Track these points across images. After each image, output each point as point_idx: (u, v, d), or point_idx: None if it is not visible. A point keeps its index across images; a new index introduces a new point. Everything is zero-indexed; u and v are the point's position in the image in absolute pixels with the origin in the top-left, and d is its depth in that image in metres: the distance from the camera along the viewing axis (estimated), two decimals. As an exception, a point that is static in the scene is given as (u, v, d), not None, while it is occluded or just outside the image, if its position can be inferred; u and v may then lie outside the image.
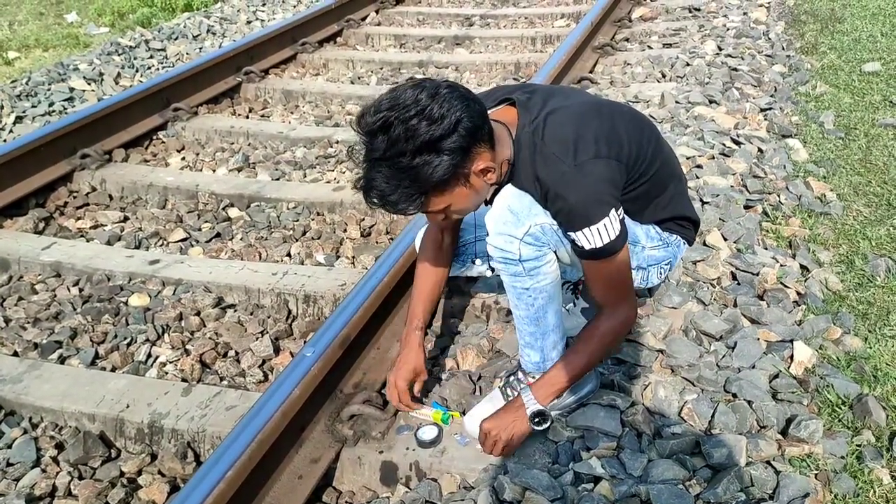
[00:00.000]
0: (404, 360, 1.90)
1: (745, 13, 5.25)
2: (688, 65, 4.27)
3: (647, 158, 1.74)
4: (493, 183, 1.64)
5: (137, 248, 2.94)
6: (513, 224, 1.64)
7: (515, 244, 1.65)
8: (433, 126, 1.46)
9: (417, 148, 1.46)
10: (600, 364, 1.85)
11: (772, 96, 3.91)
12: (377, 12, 6.03)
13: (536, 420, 1.73)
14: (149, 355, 2.35)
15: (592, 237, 1.58)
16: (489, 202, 1.72)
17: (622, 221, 1.61)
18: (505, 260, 1.69)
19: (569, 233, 1.62)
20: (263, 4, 6.54)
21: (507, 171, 1.67)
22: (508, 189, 1.68)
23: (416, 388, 1.92)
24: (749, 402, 1.87)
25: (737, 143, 3.32)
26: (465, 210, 1.67)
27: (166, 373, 2.27)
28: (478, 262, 2.09)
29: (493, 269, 2.06)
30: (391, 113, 1.47)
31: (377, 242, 2.92)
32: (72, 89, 4.54)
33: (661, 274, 1.95)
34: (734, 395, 1.91)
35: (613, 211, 1.58)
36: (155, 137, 3.92)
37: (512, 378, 1.89)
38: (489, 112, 1.68)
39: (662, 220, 1.89)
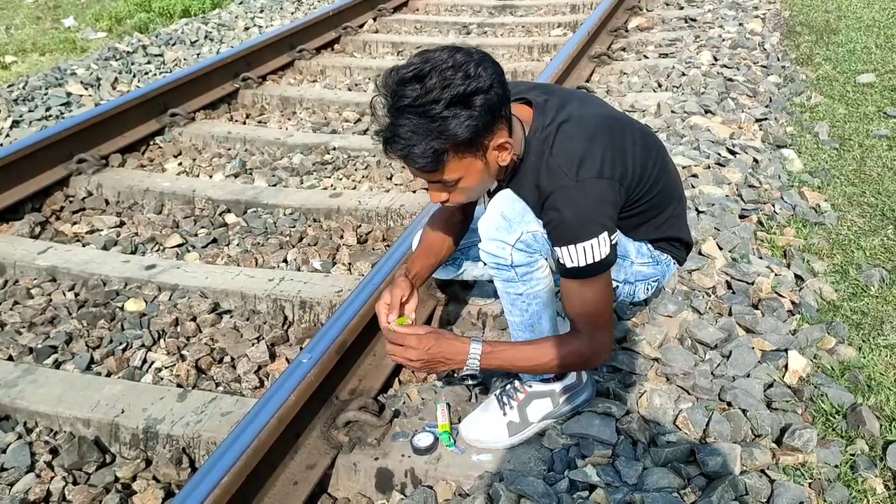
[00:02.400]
0: (387, 291, 1.86)
1: (740, 24, 5.29)
2: (684, 75, 4.29)
3: (650, 181, 1.74)
4: (504, 167, 1.62)
5: (133, 253, 2.94)
6: (505, 230, 1.65)
7: (507, 250, 1.66)
8: (469, 80, 1.46)
9: (451, 98, 1.45)
10: (546, 373, 1.77)
11: (767, 106, 3.94)
12: (375, 20, 6.06)
13: (468, 377, 1.72)
14: (144, 360, 2.34)
15: (577, 255, 1.58)
16: (490, 194, 1.73)
17: (613, 246, 1.60)
18: (497, 265, 1.70)
19: (554, 247, 1.61)
20: (261, 11, 6.55)
21: (511, 169, 1.68)
22: (504, 194, 1.68)
23: (393, 302, 1.82)
24: (744, 411, 1.88)
25: (732, 152, 3.34)
26: (474, 190, 1.65)
27: (161, 378, 2.27)
28: (470, 264, 2.10)
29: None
30: (426, 65, 1.47)
31: (374, 249, 2.93)
32: (69, 94, 4.54)
33: (647, 290, 1.95)
34: (729, 404, 1.92)
35: (605, 234, 1.58)
36: (152, 143, 3.92)
37: (508, 386, 1.89)
38: None
39: (656, 240, 1.89)
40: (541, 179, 1.62)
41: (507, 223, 1.65)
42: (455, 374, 1.75)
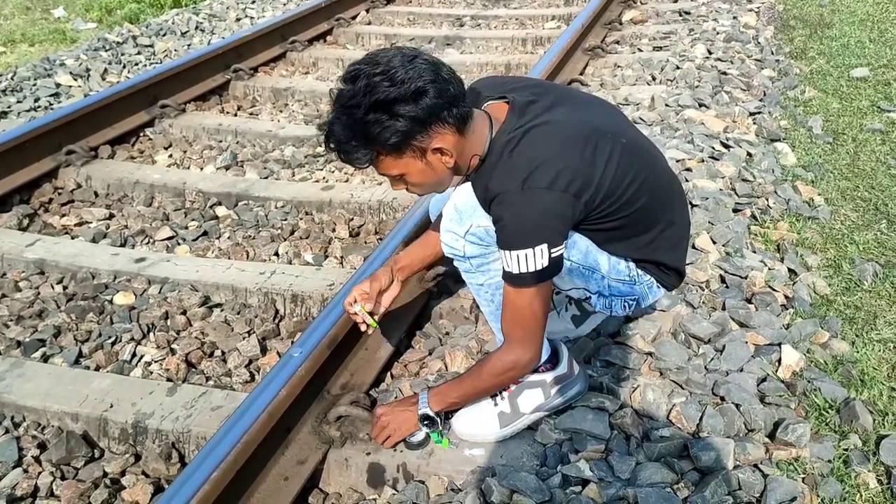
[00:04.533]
0: (372, 274, 1.98)
1: (734, 17, 5.28)
2: (678, 68, 4.28)
3: (624, 199, 1.66)
4: (452, 168, 1.63)
5: (123, 245, 2.91)
6: (456, 222, 1.66)
7: (460, 242, 1.68)
8: (392, 88, 1.48)
9: (371, 104, 1.49)
10: (489, 393, 1.81)
11: (761, 100, 3.93)
12: (367, 11, 6.02)
13: (425, 422, 1.78)
14: (133, 354, 2.32)
15: (511, 261, 1.57)
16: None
17: (554, 259, 1.56)
18: (454, 256, 1.73)
19: (499, 248, 1.61)
20: (253, 2, 6.50)
21: (475, 167, 1.66)
22: (463, 187, 1.68)
23: (371, 293, 1.94)
24: (737, 406, 1.87)
25: (726, 146, 3.33)
26: (425, 185, 1.67)
27: (151, 372, 2.25)
28: None
29: None
30: (364, 67, 1.52)
31: (366, 242, 2.91)
32: (58, 85, 4.50)
33: (626, 307, 1.90)
34: (722, 399, 1.91)
35: (545, 246, 1.54)
36: (142, 134, 3.88)
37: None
38: (487, 102, 1.69)
39: (640, 260, 1.82)
40: (492, 180, 1.59)
41: (458, 215, 1.66)
42: (422, 428, 1.81)
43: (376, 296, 1.95)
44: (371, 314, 1.92)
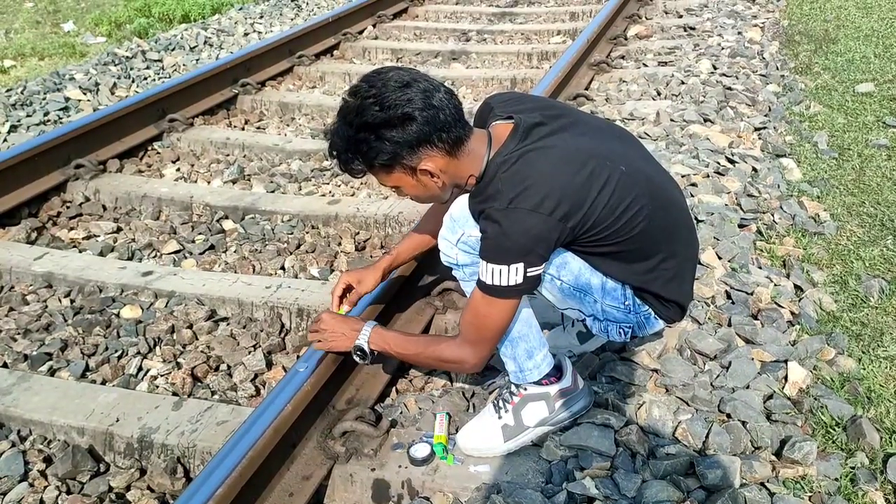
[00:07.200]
0: (362, 269, 2.06)
1: (739, 33, 5.30)
2: (683, 83, 4.29)
3: (618, 224, 1.65)
4: (442, 187, 1.67)
5: (130, 259, 2.93)
6: (450, 230, 1.72)
7: (454, 250, 1.73)
8: (380, 112, 1.54)
9: (360, 125, 1.56)
10: (420, 366, 2.02)
11: (766, 115, 3.94)
12: (374, 26, 6.06)
13: (358, 353, 1.85)
14: (140, 368, 2.33)
15: (486, 272, 1.60)
16: None
17: (529, 279, 1.58)
18: (449, 263, 1.77)
19: (479, 258, 1.63)
20: (261, 17, 6.56)
21: (472, 185, 1.68)
22: (462, 197, 1.72)
23: (352, 296, 2.04)
24: (743, 423, 1.87)
25: (731, 161, 3.33)
26: (421, 198, 1.74)
27: (157, 386, 2.25)
28: None
29: None
30: (363, 85, 1.58)
31: (371, 256, 2.92)
32: (67, 99, 4.54)
33: (622, 334, 1.88)
34: (728, 416, 1.90)
35: (521, 265, 1.56)
36: (150, 148, 3.91)
37: (505, 391, 1.88)
38: (495, 121, 1.72)
39: (638, 288, 1.81)
40: (483, 198, 1.62)
41: (452, 223, 1.71)
42: (352, 353, 1.87)
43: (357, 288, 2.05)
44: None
